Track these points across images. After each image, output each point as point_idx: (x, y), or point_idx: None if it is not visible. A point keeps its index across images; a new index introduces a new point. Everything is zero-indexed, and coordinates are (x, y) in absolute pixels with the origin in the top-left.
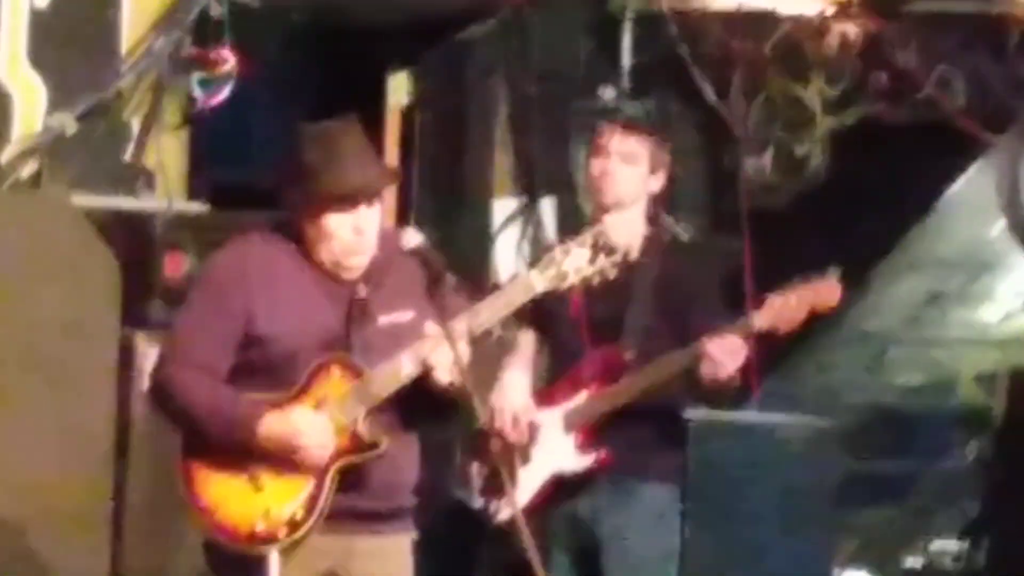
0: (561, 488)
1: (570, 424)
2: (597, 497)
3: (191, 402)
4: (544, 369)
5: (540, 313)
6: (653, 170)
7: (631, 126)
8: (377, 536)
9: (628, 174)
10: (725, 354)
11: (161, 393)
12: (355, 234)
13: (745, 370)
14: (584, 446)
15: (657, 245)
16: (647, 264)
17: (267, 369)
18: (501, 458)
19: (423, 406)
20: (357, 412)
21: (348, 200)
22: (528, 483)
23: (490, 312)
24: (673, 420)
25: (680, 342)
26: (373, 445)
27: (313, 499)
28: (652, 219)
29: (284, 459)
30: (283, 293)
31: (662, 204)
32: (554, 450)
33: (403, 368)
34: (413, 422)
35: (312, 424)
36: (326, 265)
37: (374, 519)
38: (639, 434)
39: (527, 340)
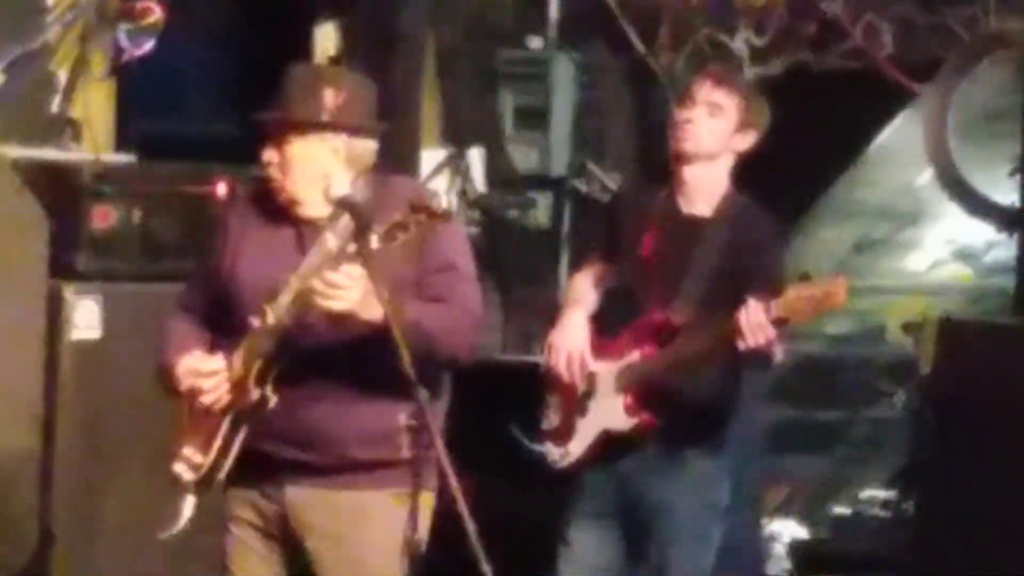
0: (608, 446)
1: (620, 383)
2: (645, 463)
3: (161, 336)
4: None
5: (615, 248)
6: (741, 128)
7: (721, 78)
8: (330, 491)
9: (710, 126)
10: (747, 327)
11: None
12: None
13: None
14: (631, 408)
15: (733, 207)
16: (718, 224)
17: (238, 319)
18: (558, 401)
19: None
20: (253, 362)
21: (263, 135)
22: (583, 436)
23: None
24: (724, 391)
25: (734, 311)
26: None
27: (207, 445)
28: (731, 179)
29: (194, 405)
30: (252, 244)
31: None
32: (606, 406)
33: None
34: (373, 374)
35: (191, 372)
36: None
37: (318, 472)
38: (689, 404)
39: (592, 275)
